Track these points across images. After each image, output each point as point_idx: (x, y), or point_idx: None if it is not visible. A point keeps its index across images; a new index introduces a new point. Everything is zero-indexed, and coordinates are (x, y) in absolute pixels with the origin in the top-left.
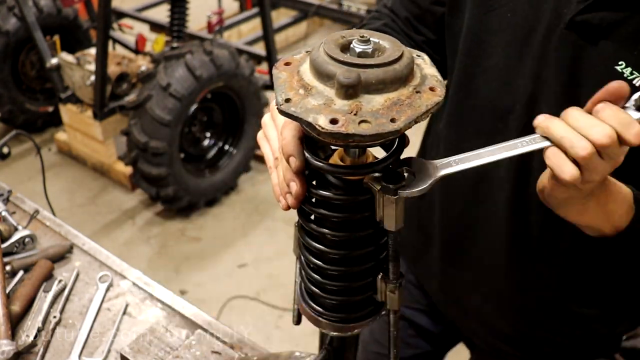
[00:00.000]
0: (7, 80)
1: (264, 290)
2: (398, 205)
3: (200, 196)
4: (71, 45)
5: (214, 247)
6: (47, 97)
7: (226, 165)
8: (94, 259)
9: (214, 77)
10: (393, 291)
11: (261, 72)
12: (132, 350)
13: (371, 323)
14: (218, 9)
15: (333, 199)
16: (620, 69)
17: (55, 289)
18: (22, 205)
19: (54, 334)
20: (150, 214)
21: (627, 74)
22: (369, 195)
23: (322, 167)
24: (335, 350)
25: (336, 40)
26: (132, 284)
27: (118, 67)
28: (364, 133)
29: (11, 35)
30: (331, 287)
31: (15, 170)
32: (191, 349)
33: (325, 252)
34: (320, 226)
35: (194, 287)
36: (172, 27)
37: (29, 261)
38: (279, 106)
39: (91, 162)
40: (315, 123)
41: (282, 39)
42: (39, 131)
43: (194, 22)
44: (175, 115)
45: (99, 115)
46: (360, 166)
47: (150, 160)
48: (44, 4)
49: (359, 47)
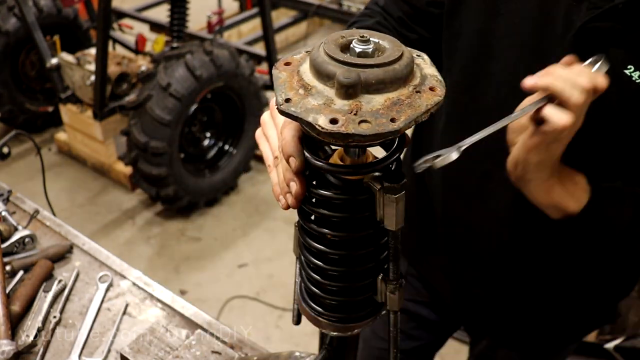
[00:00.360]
0: (7, 80)
1: (264, 290)
2: (398, 205)
3: (200, 196)
4: (71, 45)
5: (214, 247)
6: (47, 97)
7: (226, 165)
8: (94, 259)
9: (214, 77)
10: (393, 292)
11: (261, 72)
12: (132, 350)
13: (371, 323)
14: (218, 9)
15: (333, 199)
16: (629, 73)
17: (55, 289)
18: (22, 205)
19: (54, 333)
20: (150, 214)
21: (636, 78)
22: (369, 194)
23: (322, 166)
24: (335, 350)
25: (336, 40)
26: (132, 284)
27: (118, 67)
28: (364, 133)
29: (11, 35)
30: (331, 288)
31: (15, 170)
32: (191, 349)
33: (326, 252)
34: (321, 226)
35: (193, 287)
36: (172, 27)
37: (29, 261)
38: (278, 106)
39: (91, 162)
40: (315, 123)
41: (282, 39)
42: (39, 131)
43: (194, 22)
44: (175, 115)
45: (99, 115)
46: (361, 165)
47: (150, 160)
48: (44, 4)
49: (359, 47)
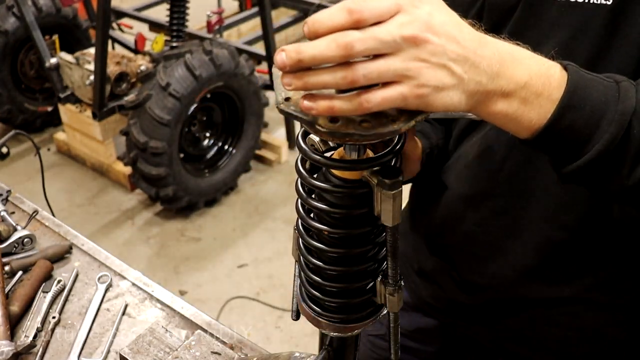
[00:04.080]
0: (6, 80)
1: (263, 290)
2: (395, 201)
3: (200, 196)
4: (70, 44)
5: (213, 247)
6: (46, 96)
7: (226, 165)
8: (93, 259)
9: (214, 76)
10: (392, 294)
11: (261, 71)
12: (132, 350)
13: (371, 323)
14: (218, 8)
15: (332, 192)
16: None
17: (55, 290)
18: (21, 205)
19: (53, 334)
20: (150, 214)
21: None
22: (367, 189)
23: (320, 160)
24: (335, 351)
25: None
26: (132, 284)
27: (117, 67)
28: (364, 132)
29: (10, 34)
30: (331, 289)
31: (15, 170)
32: (191, 349)
33: (324, 251)
34: (320, 223)
35: (193, 288)
36: (171, 27)
37: (28, 261)
38: (278, 105)
39: (90, 162)
40: (315, 122)
41: (282, 39)
42: (38, 131)
43: (194, 21)
44: (174, 115)
45: (98, 115)
46: (360, 161)
47: (149, 160)
48: (43, 4)
49: None
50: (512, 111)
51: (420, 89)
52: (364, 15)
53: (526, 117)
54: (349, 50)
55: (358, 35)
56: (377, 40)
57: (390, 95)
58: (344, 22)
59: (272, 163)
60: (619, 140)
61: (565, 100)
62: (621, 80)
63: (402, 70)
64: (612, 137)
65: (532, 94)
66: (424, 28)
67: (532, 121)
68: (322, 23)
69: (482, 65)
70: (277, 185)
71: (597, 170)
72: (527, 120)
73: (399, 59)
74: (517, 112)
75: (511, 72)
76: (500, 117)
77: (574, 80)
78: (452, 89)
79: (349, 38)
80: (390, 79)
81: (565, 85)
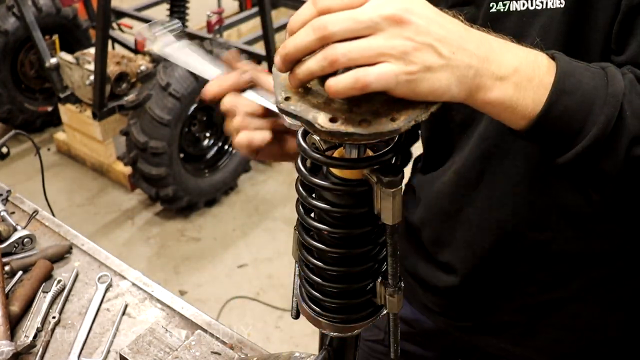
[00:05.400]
0: (6, 80)
1: (263, 290)
2: (395, 199)
3: (200, 196)
4: (70, 44)
5: (213, 247)
6: (46, 96)
7: (226, 165)
8: (93, 259)
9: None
10: (392, 295)
11: None
12: (132, 350)
13: (371, 323)
14: (218, 8)
15: (333, 190)
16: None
17: (55, 290)
18: (21, 205)
19: (53, 334)
20: (150, 214)
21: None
22: (367, 187)
23: (320, 158)
24: (335, 351)
25: None
26: (132, 284)
27: (117, 67)
28: (363, 132)
29: (10, 34)
30: (331, 289)
31: (14, 170)
32: (191, 349)
33: (325, 251)
34: (320, 223)
35: (193, 288)
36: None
37: (28, 261)
38: (278, 104)
39: (90, 162)
40: (314, 121)
41: (282, 39)
42: (38, 131)
43: (194, 21)
44: (174, 115)
45: (98, 115)
46: (360, 160)
47: (149, 160)
48: (43, 4)
49: None
50: (508, 98)
51: (409, 66)
52: (327, 2)
53: (522, 104)
54: (322, 30)
55: (333, 17)
56: (351, 20)
57: (383, 71)
58: (314, 13)
59: (272, 163)
60: (614, 122)
61: (558, 85)
62: (606, 66)
63: (387, 49)
64: (607, 119)
65: (524, 79)
66: (403, 9)
67: (527, 108)
68: (295, 19)
69: (469, 47)
70: (277, 185)
71: (594, 154)
72: (523, 108)
73: (382, 37)
74: (512, 98)
75: (500, 57)
76: (496, 105)
77: (563, 66)
78: (441, 70)
79: (322, 20)
80: (376, 58)
81: (555, 71)
